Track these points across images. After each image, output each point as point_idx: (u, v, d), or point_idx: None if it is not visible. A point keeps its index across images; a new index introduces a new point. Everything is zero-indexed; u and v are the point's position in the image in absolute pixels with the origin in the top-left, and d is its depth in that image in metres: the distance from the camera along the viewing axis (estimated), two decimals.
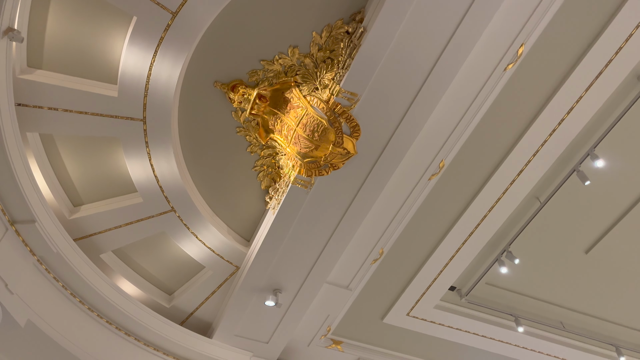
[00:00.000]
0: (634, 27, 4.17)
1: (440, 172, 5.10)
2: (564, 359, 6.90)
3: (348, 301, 6.14)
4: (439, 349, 6.78)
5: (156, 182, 4.88)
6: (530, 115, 4.79)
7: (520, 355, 6.90)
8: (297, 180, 4.67)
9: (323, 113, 4.25)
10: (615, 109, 4.81)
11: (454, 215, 5.51)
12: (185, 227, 5.23)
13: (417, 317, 6.34)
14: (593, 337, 6.79)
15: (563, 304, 6.57)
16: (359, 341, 6.63)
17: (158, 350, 5.38)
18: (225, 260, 5.52)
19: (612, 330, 6.90)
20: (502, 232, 5.72)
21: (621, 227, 5.79)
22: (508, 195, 5.29)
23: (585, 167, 5.08)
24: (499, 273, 5.92)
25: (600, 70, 4.42)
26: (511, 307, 6.55)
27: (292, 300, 5.58)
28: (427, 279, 6.00)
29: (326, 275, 5.50)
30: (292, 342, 6.34)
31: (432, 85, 4.11)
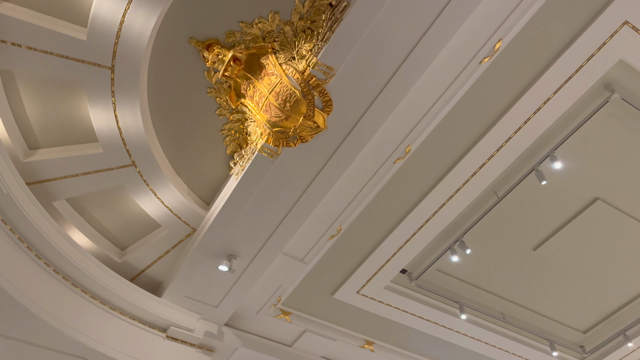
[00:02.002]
0: (607, 36, 4.28)
1: (405, 157, 5.16)
2: (500, 349, 7.21)
3: (301, 274, 6.21)
4: (384, 329, 6.97)
5: (119, 134, 4.76)
6: (499, 111, 4.88)
7: (460, 341, 7.17)
8: (264, 148, 4.64)
9: (297, 84, 4.21)
10: (580, 114, 4.96)
11: (413, 201, 5.60)
12: (145, 184, 5.14)
13: (367, 295, 6.48)
14: (530, 331, 7.11)
15: (506, 297, 6.83)
16: (307, 314, 6.73)
17: (105, 304, 5.33)
18: (183, 221, 5.47)
19: (549, 326, 7.25)
20: (457, 221, 5.87)
21: (570, 229, 6.03)
22: (468, 186, 5.41)
23: (544, 168, 5.25)
24: (450, 261, 6.09)
25: (570, 75, 4.53)
26: (457, 294, 6.77)
27: (245, 267, 5.60)
28: (381, 260, 6.11)
29: (282, 246, 5.52)
30: (242, 308, 6.38)
31: (408, 69, 4.11)
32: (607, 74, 4.63)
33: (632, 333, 7.06)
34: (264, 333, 6.79)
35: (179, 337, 5.82)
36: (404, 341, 7.21)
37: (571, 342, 7.50)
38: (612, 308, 7.06)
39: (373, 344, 7.16)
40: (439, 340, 7.16)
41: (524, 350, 7.22)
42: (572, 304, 6.97)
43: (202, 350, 5.98)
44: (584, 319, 7.22)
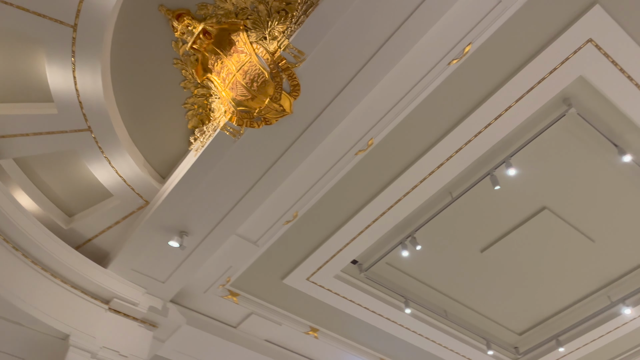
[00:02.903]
0: (571, 52, 4.41)
1: (367, 150, 5.19)
2: (440, 344, 7.43)
3: (253, 256, 6.19)
4: (330, 317, 7.05)
5: (76, 96, 4.58)
6: (461, 114, 4.97)
7: (403, 335, 7.34)
8: (226, 126, 4.57)
9: (266, 64, 4.16)
10: (537, 125, 5.11)
11: (371, 193, 5.65)
12: (99, 150, 4.98)
13: (316, 283, 6.52)
14: (469, 329, 7.36)
15: (450, 295, 7.03)
16: (255, 297, 6.73)
17: (46, 271, 5.16)
18: (136, 192, 5.34)
19: (487, 326, 7.51)
20: (411, 218, 5.98)
21: (516, 234, 6.24)
22: (424, 184, 5.50)
23: (498, 173, 5.40)
24: (400, 256, 6.20)
25: (533, 86, 4.66)
26: (404, 289, 6.92)
27: (197, 245, 5.53)
28: (333, 249, 6.16)
29: (236, 227, 5.48)
30: (189, 286, 6.31)
31: (378, 62, 4.13)
32: (567, 89, 4.78)
33: (565, 339, 7.41)
34: (209, 312, 6.75)
35: (122, 309, 5.71)
36: (348, 330, 7.32)
37: (507, 342, 7.81)
38: (548, 313, 7.38)
39: (318, 331, 7.24)
40: (382, 332, 7.31)
41: (461, 347, 7.47)
42: (511, 306, 7.24)
43: (145, 325, 5.89)
44: (521, 322, 7.52)
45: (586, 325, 7.26)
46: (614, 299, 6.88)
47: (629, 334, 7.30)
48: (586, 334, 7.29)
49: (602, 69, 4.56)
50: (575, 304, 7.16)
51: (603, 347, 7.52)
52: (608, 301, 6.94)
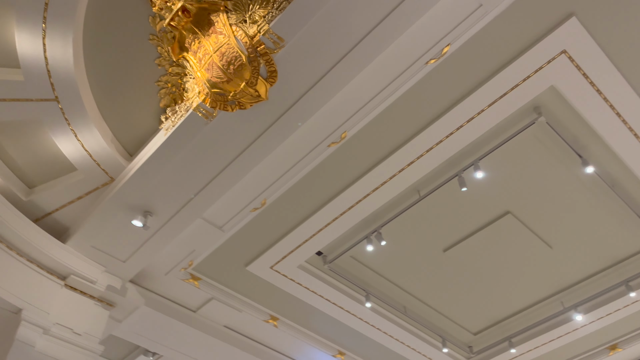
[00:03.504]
0: (545, 62, 4.51)
1: (340, 142, 5.20)
2: (397, 339, 7.54)
3: (218, 242, 6.13)
4: (291, 306, 7.06)
5: (45, 64, 4.42)
6: (435, 114, 5.02)
7: (361, 328, 7.41)
8: (199, 108, 4.50)
9: (245, 48, 4.10)
10: (507, 130, 5.21)
11: (340, 186, 5.67)
12: (66, 122, 4.83)
13: (280, 272, 6.52)
14: (427, 326, 7.49)
15: (411, 291, 7.13)
16: (217, 282, 6.68)
17: (1, 242, 4.99)
18: (101, 168, 5.21)
19: (444, 324, 7.66)
20: (378, 213, 6.03)
21: (479, 236, 6.37)
22: (393, 181, 5.55)
23: (466, 175, 5.49)
24: (365, 250, 6.26)
25: (506, 92, 4.74)
26: (366, 283, 6.98)
27: (161, 226, 5.45)
28: (299, 239, 6.16)
29: (203, 211, 5.43)
30: (150, 267, 6.22)
31: (357, 55, 4.14)
32: (538, 98, 4.89)
33: (517, 340, 7.62)
34: (169, 295, 6.67)
35: (79, 287, 5.58)
36: (308, 321, 7.35)
37: (461, 341, 7.99)
38: (503, 315, 7.58)
39: (278, 319, 7.25)
40: (342, 325, 7.36)
41: (418, 343, 7.60)
42: (469, 306, 7.40)
43: (102, 304, 5.78)
44: (477, 322, 7.70)
45: (538, 328, 7.48)
46: (567, 305, 7.11)
47: (578, 339, 7.57)
48: (538, 337, 7.51)
49: (573, 81, 4.67)
50: (529, 307, 7.37)
51: (553, 350, 7.77)
52: (561, 307, 7.17)
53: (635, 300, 6.82)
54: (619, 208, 5.95)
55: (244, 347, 7.34)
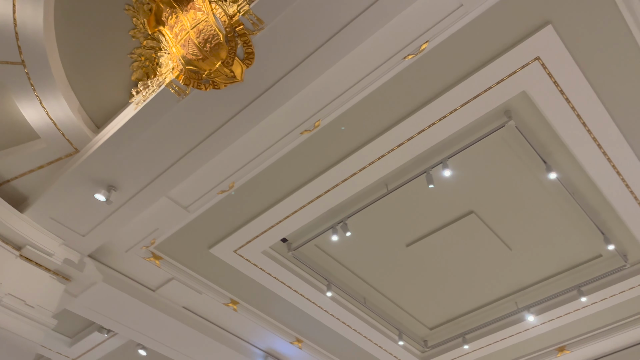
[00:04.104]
0: (519, 67, 4.59)
1: (312, 131, 5.19)
2: (355, 330, 7.63)
3: (182, 222, 6.06)
4: (252, 291, 7.05)
5: (13, 25, 4.26)
6: (408, 110, 5.06)
7: (322, 317, 7.46)
8: (172, 84, 4.41)
9: (223, 27, 4.04)
10: (478, 131, 5.30)
11: (310, 175, 5.67)
12: (31, 88, 4.67)
13: (243, 256, 6.49)
14: (385, 318, 7.60)
15: (372, 283, 7.21)
16: (179, 262, 6.60)
17: None
18: (66, 138, 5.06)
19: (402, 317, 7.79)
20: (345, 204, 6.05)
21: (442, 234, 6.48)
22: (363, 173, 5.58)
23: (434, 172, 5.56)
24: (330, 240, 6.29)
25: (479, 93, 4.82)
26: (328, 272, 7.03)
27: (124, 202, 5.35)
28: (265, 225, 6.14)
29: (169, 189, 5.35)
30: (111, 243, 6.09)
31: (336, 44, 4.14)
32: (510, 102, 4.99)
33: (471, 337, 7.82)
34: (128, 272, 6.56)
35: (34, 258, 5.43)
36: (269, 307, 7.36)
37: (417, 335, 8.14)
38: (459, 312, 7.75)
39: (238, 304, 7.23)
40: (301, 312, 7.40)
41: (374, 334, 7.70)
42: (427, 301, 7.54)
43: (57, 277, 5.65)
44: (433, 317, 7.86)
45: (492, 327, 7.69)
46: (520, 306, 7.32)
47: (529, 339, 7.81)
48: (491, 335, 7.72)
49: (544, 88, 4.78)
50: (485, 306, 7.56)
51: (504, 349, 8.01)
52: (515, 307, 7.38)
53: (586, 305, 7.07)
54: (577, 215, 6.14)
55: (202, 329, 7.30)
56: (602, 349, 7.79)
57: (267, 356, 8.01)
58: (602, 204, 5.96)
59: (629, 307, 7.12)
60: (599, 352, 7.86)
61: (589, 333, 7.56)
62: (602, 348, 7.77)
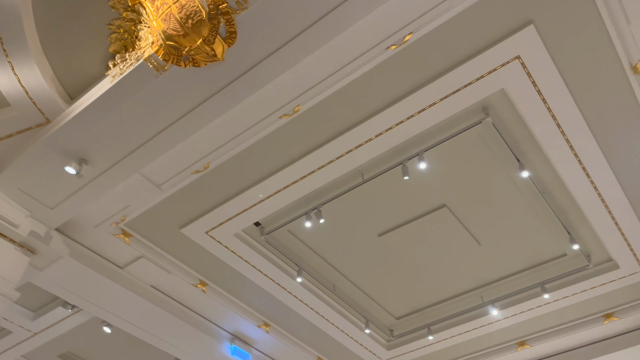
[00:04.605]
0: (499, 64, 4.64)
1: (292, 116, 5.16)
2: (323, 316, 7.68)
3: (154, 200, 5.98)
4: (222, 273, 7.03)
5: None
6: (389, 100, 5.07)
7: (290, 302, 7.48)
8: (150, 59, 4.32)
9: (206, 4, 3.96)
10: (455, 126, 5.35)
11: (286, 160, 5.65)
12: (3, 53, 4.52)
13: (215, 238, 6.45)
14: (352, 306, 7.68)
15: (342, 271, 7.26)
16: (149, 240, 6.53)
17: None
18: (37, 107, 4.91)
19: (370, 306, 7.88)
20: (321, 191, 6.06)
21: (414, 225, 6.55)
22: (340, 161, 5.59)
23: (410, 164, 5.60)
24: (303, 226, 6.30)
25: (459, 88, 4.85)
26: (300, 258, 7.05)
27: (96, 176, 5.25)
28: (238, 208, 6.11)
29: (142, 166, 5.28)
30: (80, 217, 5.98)
31: (320, 30, 4.11)
32: (488, 98, 5.04)
33: (435, 329, 7.96)
34: (96, 248, 6.46)
35: None
36: (238, 290, 7.35)
37: (384, 324, 8.26)
38: (426, 303, 7.88)
39: (207, 285, 7.20)
40: (270, 296, 7.41)
41: (342, 322, 7.78)
42: (395, 291, 7.63)
43: (22, 250, 5.53)
44: (400, 307, 7.97)
45: (457, 319, 7.84)
46: (486, 300, 7.48)
47: (491, 333, 7.99)
48: (455, 327, 7.87)
49: (522, 87, 4.84)
50: (451, 298, 7.71)
51: (467, 341, 8.18)
52: (480, 301, 7.54)
53: (548, 302, 7.27)
54: (546, 214, 6.28)
55: (170, 309, 7.25)
56: (561, 345, 8.03)
57: (234, 339, 8.02)
58: (570, 205, 6.11)
59: (589, 306, 7.34)
60: (557, 348, 8.10)
61: (549, 329, 7.77)
62: (560, 344, 8.01)
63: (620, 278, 6.85)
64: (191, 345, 7.78)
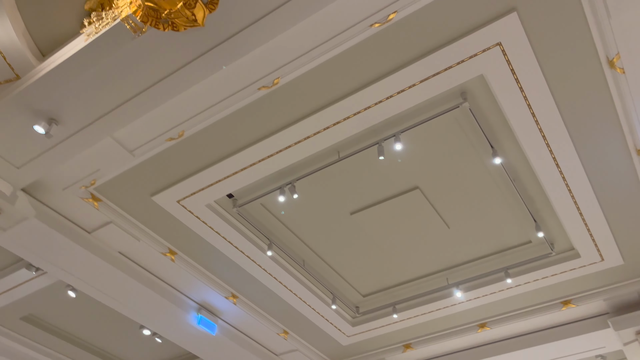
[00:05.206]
0: (480, 50, 4.66)
1: (271, 88, 5.11)
2: (291, 290, 7.75)
3: (126, 165, 5.88)
4: (192, 244, 7.00)
5: None
6: (368, 80, 5.06)
7: (259, 275, 7.51)
8: (128, 19, 4.19)
9: None
10: (433, 109, 5.37)
11: (263, 133, 5.61)
12: None
13: (186, 207, 6.40)
14: (321, 282, 7.76)
15: (312, 247, 7.31)
16: (118, 206, 6.44)
17: None
18: (7, 62, 4.74)
19: (338, 283, 7.97)
20: (296, 166, 6.05)
21: (386, 206, 6.62)
22: (317, 137, 5.58)
23: (386, 145, 5.63)
24: (276, 200, 6.29)
25: (439, 71, 4.87)
26: (271, 232, 7.06)
27: (66, 137, 5.12)
28: (212, 179, 6.06)
29: (114, 130, 5.18)
30: (48, 179, 5.84)
31: (306, 0, 4.05)
32: (467, 83, 5.07)
33: (400, 307, 8.11)
34: (64, 211, 6.34)
35: None
36: (207, 260, 7.33)
37: (350, 301, 8.38)
38: (393, 283, 8.01)
39: (176, 254, 7.16)
40: (239, 269, 7.42)
41: (309, 296, 7.86)
42: (363, 270, 7.73)
43: None
44: (368, 285, 8.09)
45: (422, 299, 8.00)
46: (451, 282, 7.65)
47: (454, 314, 8.19)
48: (419, 307, 8.03)
49: (501, 74, 4.89)
50: (418, 279, 7.85)
51: (430, 321, 8.38)
52: (445, 282, 7.71)
53: (510, 286, 7.48)
54: (515, 202, 6.42)
55: (137, 277, 7.20)
56: (519, 328, 8.32)
57: (201, 309, 8.04)
58: (539, 194, 6.25)
59: (548, 292, 7.59)
60: (516, 331, 8.39)
61: (509, 313, 8.01)
62: (519, 328, 8.30)
63: (580, 267, 7.07)
64: (157, 313, 7.77)
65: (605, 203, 6.16)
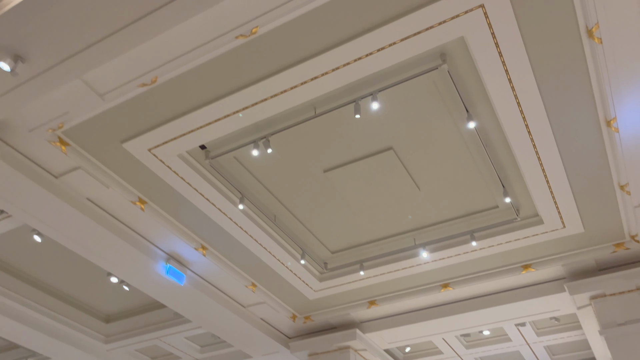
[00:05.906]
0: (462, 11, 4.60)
1: (249, 37, 4.98)
2: (261, 244, 7.81)
3: (95, 110, 5.71)
4: (162, 193, 6.93)
5: None
6: (349, 34, 4.97)
7: (230, 228, 7.52)
8: None
9: None
10: (411, 69, 5.35)
11: (239, 84, 5.50)
12: None
13: (157, 156, 6.30)
14: (291, 237, 7.84)
15: (284, 202, 7.34)
16: (87, 152, 6.29)
17: None
18: None
19: (308, 238, 8.06)
20: (271, 120, 5.99)
21: (359, 165, 6.66)
22: (294, 92, 5.51)
23: (363, 103, 5.60)
24: (250, 154, 6.25)
25: (420, 30, 4.81)
26: (243, 186, 7.04)
27: (32, 76, 4.92)
28: (185, 128, 5.96)
29: (84, 72, 4.98)
30: (13, 119, 5.65)
31: None
32: (447, 45, 5.05)
33: (368, 265, 8.29)
34: (30, 154, 6.17)
35: None
36: (177, 211, 7.29)
37: (319, 257, 8.51)
38: (361, 241, 8.15)
39: (146, 203, 7.09)
40: (210, 221, 7.41)
41: (279, 251, 7.94)
42: (333, 227, 7.83)
43: None
44: (337, 242, 8.21)
45: (388, 258, 8.18)
46: (418, 242, 7.83)
47: (419, 274, 8.42)
48: (385, 265, 8.22)
49: (481, 38, 4.87)
50: (386, 238, 8.01)
51: (395, 279, 8.60)
52: (412, 243, 7.88)
53: (475, 249, 7.70)
54: (485, 167, 6.54)
55: (105, 224, 7.13)
56: (480, 290, 8.65)
57: (169, 259, 8.05)
58: (509, 161, 6.37)
59: (510, 256, 7.85)
60: (477, 292, 8.73)
61: (472, 274, 8.28)
62: (480, 289, 8.63)
63: (543, 233, 7.32)
64: (125, 261, 7.75)
65: (572, 172, 6.33)
